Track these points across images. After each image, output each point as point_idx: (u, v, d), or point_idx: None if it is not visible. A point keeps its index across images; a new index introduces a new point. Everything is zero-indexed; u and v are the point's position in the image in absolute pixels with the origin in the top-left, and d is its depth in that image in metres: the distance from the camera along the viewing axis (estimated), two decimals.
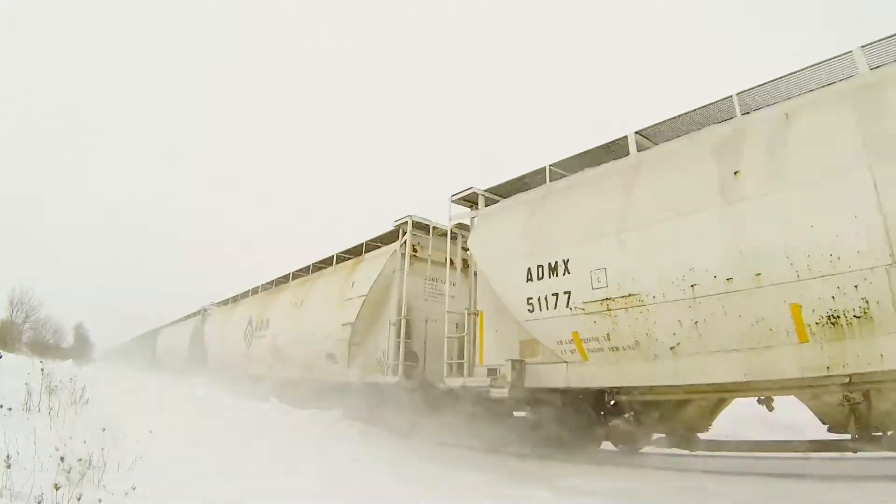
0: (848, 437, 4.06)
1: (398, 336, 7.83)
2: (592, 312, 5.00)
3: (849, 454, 4.99)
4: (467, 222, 7.46)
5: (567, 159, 6.05)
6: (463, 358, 6.77)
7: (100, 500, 2.45)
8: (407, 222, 8.39)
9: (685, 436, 5.16)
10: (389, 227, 8.84)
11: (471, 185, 7.18)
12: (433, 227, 8.50)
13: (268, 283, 13.61)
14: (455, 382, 6.76)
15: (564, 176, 6.07)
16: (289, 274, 12.47)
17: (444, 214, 7.65)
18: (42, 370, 5.24)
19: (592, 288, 5.00)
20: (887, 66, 3.93)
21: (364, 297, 8.42)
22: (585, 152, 5.83)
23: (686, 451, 5.29)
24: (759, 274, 3.90)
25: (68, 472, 2.83)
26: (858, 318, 3.54)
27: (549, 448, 6.06)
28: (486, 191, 7.11)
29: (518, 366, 5.86)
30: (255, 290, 14.45)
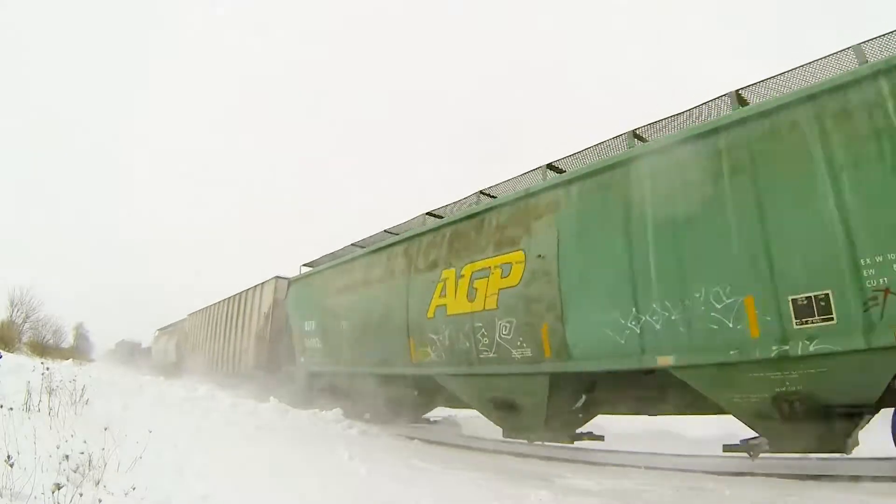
0: None
1: None
2: None
3: (849, 454, 5.01)
4: None
5: None
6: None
7: (100, 501, 2.45)
8: None
9: None
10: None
11: None
12: None
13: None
14: None
15: None
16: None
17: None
18: (45, 370, 5.23)
19: None
20: None
21: None
22: None
23: (686, 452, 5.17)
24: None
25: (74, 471, 2.84)
26: None
27: None
28: None
29: None
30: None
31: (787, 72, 4.48)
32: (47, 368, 5.38)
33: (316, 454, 5.40)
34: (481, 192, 7.09)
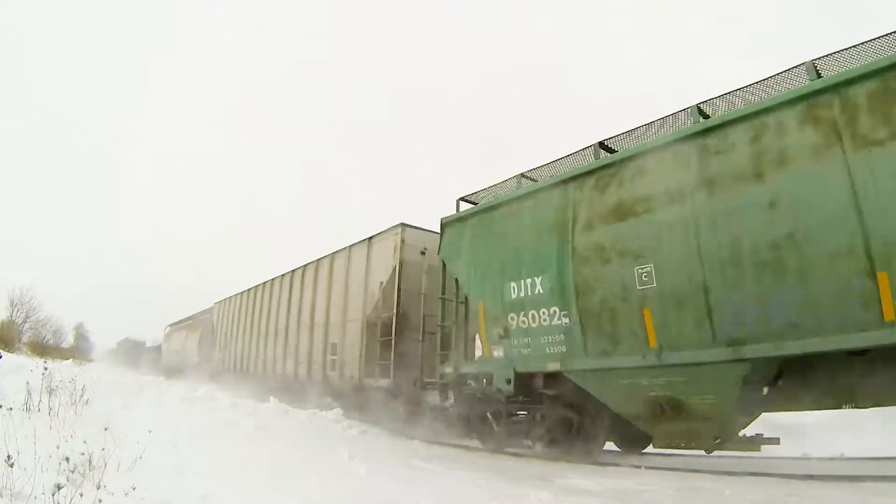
0: None
1: None
2: None
3: (848, 454, 5.01)
4: None
5: None
6: None
7: (100, 501, 2.44)
8: None
9: None
10: None
11: None
12: None
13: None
14: None
15: None
16: None
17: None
18: (45, 370, 5.23)
19: None
20: None
21: None
22: None
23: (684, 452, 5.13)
24: None
25: (73, 472, 2.84)
26: None
27: None
28: None
29: None
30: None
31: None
32: (46, 368, 5.39)
33: (316, 454, 5.40)
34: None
